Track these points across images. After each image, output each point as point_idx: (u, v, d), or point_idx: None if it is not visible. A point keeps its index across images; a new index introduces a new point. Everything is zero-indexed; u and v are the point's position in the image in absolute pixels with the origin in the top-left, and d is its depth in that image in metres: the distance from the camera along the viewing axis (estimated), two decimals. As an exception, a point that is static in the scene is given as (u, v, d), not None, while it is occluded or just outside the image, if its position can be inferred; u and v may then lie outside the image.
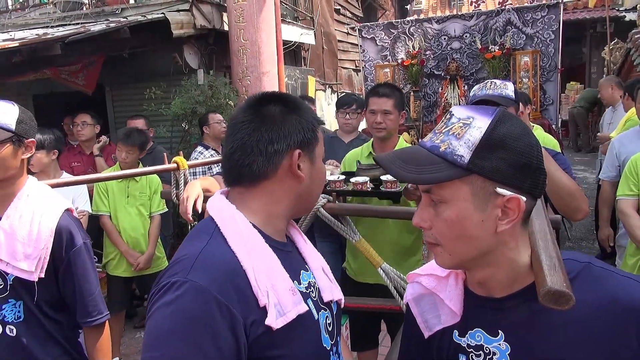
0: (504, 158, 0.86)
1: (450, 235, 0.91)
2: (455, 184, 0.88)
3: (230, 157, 1.07)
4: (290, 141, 1.06)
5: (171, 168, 2.40)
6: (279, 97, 1.11)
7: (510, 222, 0.89)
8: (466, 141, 0.87)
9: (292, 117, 1.07)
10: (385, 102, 2.40)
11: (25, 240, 1.63)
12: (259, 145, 1.04)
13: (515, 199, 0.87)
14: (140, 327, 4.33)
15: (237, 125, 1.08)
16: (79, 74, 5.40)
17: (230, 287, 0.95)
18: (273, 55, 5.50)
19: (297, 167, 1.07)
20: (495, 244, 0.92)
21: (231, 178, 1.10)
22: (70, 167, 4.22)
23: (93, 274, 1.78)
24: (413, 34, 5.73)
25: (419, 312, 1.10)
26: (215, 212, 1.07)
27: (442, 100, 5.40)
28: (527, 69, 5.17)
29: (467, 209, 0.88)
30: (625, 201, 2.74)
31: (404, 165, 0.91)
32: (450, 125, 0.91)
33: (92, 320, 1.76)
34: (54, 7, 5.81)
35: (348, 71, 10.45)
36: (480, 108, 0.93)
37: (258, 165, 1.04)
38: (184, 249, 1.04)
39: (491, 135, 0.86)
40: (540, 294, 0.85)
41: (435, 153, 0.90)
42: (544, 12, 5.27)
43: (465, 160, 0.86)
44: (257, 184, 1.07)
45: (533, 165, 0.89)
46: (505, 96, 2.05)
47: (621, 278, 0.91)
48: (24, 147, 1.71)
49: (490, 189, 0.87)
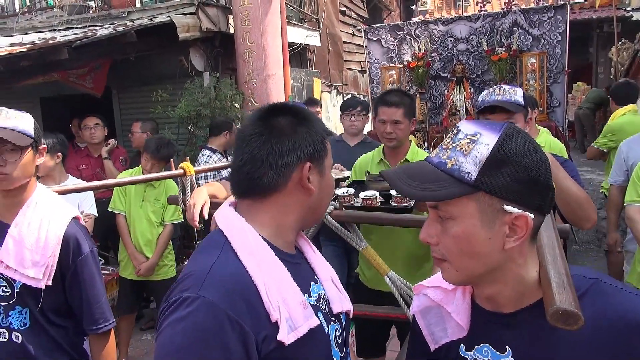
0: (512, 175, 0.86)
1: (457, 251, 0.91)
2: (463, 200, 0.87)
3: (240, 170, 1.07)
4: (301, 154, 1.05)
5: (178, 174, 2.41)
6: (288, 109, 1.11)
7: (518, 239, 0.89)
8: (473, 158, 0.86)
9: (302, 129, 1.07)
10: (395, 112, 2.36)
11: (33, 248, 1.65)
12: (269, 158, 1.03)
13: (523, 217, 0.87)
14: (147, 329, 4.35)
15: (246, 137, 1.07)
16: (87, 77, 5.44)
17: (241, 303, 0.95)
18: (279, 57, 5.50)
19: (307, 180, 1.07)
20: (503, 261, 0.91)
21: (240, 190, 1.09)
22: (78, 169, 4.25)
23: (100, 281, 1.80)
24: (419, 35, 5.71)
25: (426, 325, 1.09)
26: (225, 225, 1.07)
27: (448, 102, 5.37)
28: (533, 71, 5.14)
29: (474, 226, 0.88)
30: (633, 207, 2.72)
31: (411, 182, 0.91)
32: (457, 141, 0.91)
33: (99, 328, 1.78)
34: (61, 10, 5.84)
35: (353, 72, 10.43)
36: (487, 124, 0.93)
37: (268, 178, 1.04)
38: (194, 263, 1.04)
39: (498, 152, 0.86)
40: (548, 313, 0.85)
41: (442, 169, 0.89)
42: (551, 13, 5.22)
43: (473, 178, 0.86)
44: (267, 196, 1.06)
45: (541, 182, 0.88)
46: (514, 102, 2.03)
47: (631, 295, 0.90)
48: (37, 153, 1.74)
49: (498, 206, 0.87)
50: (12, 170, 1.63)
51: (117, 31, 4.33)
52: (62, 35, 4.63)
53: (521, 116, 2.04)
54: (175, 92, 5.26)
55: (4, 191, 1.68)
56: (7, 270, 1.64)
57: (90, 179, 4.11)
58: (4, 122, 1.62)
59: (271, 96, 5.40)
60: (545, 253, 1.03)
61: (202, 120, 4.91)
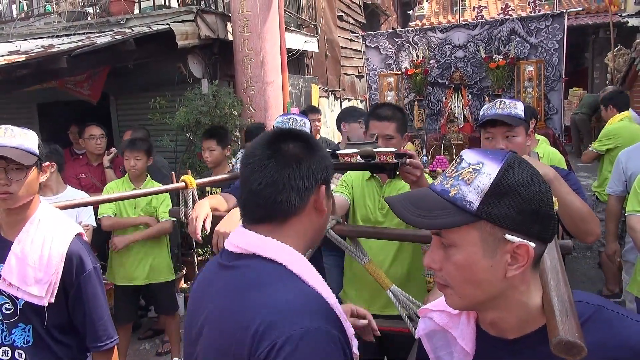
0: (513, 205, 0.87)
1: (460, 278, 0.92)
2: (465, 228, 0.89)
3: (260, 193, 1.07)
4: (317, 177, 1.10)
5: (179, 187, 2.40)
6: (297, 135, 1.14)
7: (520, 267, 0.90)
8: (475, 187, 0.88)
9: (316, 154, 1.12)
10: (387, 127, 2.27)
11: (37, 265, 1.65)
12: (291, 181, 1.06)
13: (524, 246, 0.88)
14: (145, 339, 4.33)
15: (261, 162, 1.08)
16: (84, 84, 5.43)
17: (338, 325, 1.00)
18: (277, 64, 5.51)
19: (322, 202, 1.12)
20: (505, 288, 0.92)
21: (259, 215, 1.09)
22: (77, 178, 4.23)
23: (103, 298, 1.80)
24: (417, 42, 5.73)
25: (432, 349, 1.10)
26: (272, 251, 1.06)
27: (446, 109, 5.38)
28: (531, 79, 5.15)
29: (476, 254, 0.90)
30: (635, 217, 2.73)
31: (414, 209, 0.93)
32: (460, 169, 0.92)
33: (102, 345, 1.78)
34: (59, 16, 5.83)
35: (351, 77, 10.45)
36: (490, 152, 0.94)
37: (291, 201, 1.07)
38: (273, 298, 0.99)
39: (500, 183, 0.87)
40: (552, 343, 0.86)
41: (445, 198, 0.91)
42: (548, 21, 5.26)
43: (475, 207, 0.88)
44: (287, 220, 1.09)
45: (542, 212, 0.89)
46: (514, 115, 2.04)
47: (633, 322, 0.91)
48: (41, 171, 1.75)
49: (499, 235, 0.88)
50: (17, 190, 1.64)
51: (116, 39, 4.33)
52: (60, 43, 4.62)
53: (522, 129, 2.04)
54: (174, 99, 5.26)
55: (8, 209, 1.68)
56: (10, 287, 1.64)
57: (89, 188, 4.10)
58: (9, 141, 1.62)
59: (269, 103, 5.41)
60: (548, 278, 1.03)
61: (201, 128, 4.90)
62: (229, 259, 1.13)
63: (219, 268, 1.15)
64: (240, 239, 1.11)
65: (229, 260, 1.12)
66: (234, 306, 1.02)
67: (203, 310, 1.11)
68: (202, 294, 1.16)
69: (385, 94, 5.64)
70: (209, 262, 1.24)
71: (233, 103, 5.19)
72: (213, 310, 1.08)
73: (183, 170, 4.70)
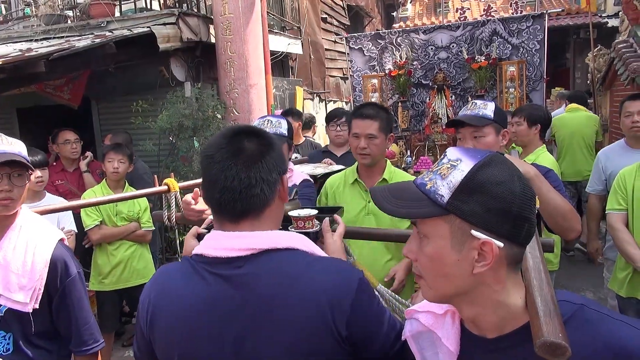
0: (481, 202, 0.89)
1: (430, 270, 0.96)
2: (436, 221, 0.92)
3: (234, 189, 1.11)
4: (280, 169, 1.18)
5: (162, 190, 2.36)
6: (254, 132, 1.20)
7: (486, 265, 0.90)
8: (448, 182, 0.91)
9: (275, 148, 1.19)
10: (369, 126, 2.23)
11: (20, 272, 1.64)
12: (262, 175, 1.13)
13: (489, 244, 0.89)
14: (129, 345, 4.26)
15: (229, 160, 1.13)
16: (64, 88, 5.35)
17: None
18: (260, 67, 5.49)
19: (286, 191, 1.22)
20: (474, 285, 0.93)
21: (238, 210, 1.13)
22: (54, 185, 4.13)
23: (87, 302, 1.81)
24: (400, 44, 5.75)
25: (418, 350, 1.11)
26: (288, 242, 1.14)
27: (430, 110, 5.40)
28: (513, 79, 5.20)
29: (444, 247, 0.92)
30: (614, 215, 2.76)
31: (393, 199, 0.97)
32: (441, 165, 0.96)
33: (89, 349, 1.79)
34: (38, 20, 5.73)
35: (335, 79, 10.46)
36: (471, 151, 0.96)
37: (265, 193, 1.14)
38: (324, 274, 1.11)
39: (471, 179, 0.90)
40: (536, 345, 0.85)
41: (422, 190, 0.95)
42: (529, 22, 5.32)
43: (445, 200, 0.90)
44: (263, 211, 1.15)
45: (513, 212, 0.89)
46: (481, 116, 2.06)
47: (614, 322, 0.91)
48: (28, 179, 1.76)
49: (467, 230, 0.90)
50: (18, 195, 1.67)
51: (95, 43, 4.26)
52: (39, 47, 4.54)
53: (490, 129, 2.06)
54: (156, 102, 5.20)
55: None
56: None
57: (66, 194, 4.02)
58: (10, 148, 1.65)
59: (253, 106, 5.38)
60: (531, 278, 1.03)
61: (184, 131, 4.85)
62: (226, 267, 1.10)
63: (215, 279, 1.11)
64: (238, 241, 1.11)
65: (228, 267, 1.10)
66: (291, 300, 1.07)
67: (227, 330, 1.09)
68: (208, 314, 1.10)
69: (369, 96, 5.65)
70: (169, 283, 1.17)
71: (216, 106, 5.15)
72: (255, 321, 1.08)
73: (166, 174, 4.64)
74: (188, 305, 1.12)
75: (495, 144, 2.06)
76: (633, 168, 2.75)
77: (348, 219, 2.35)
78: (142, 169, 4.34)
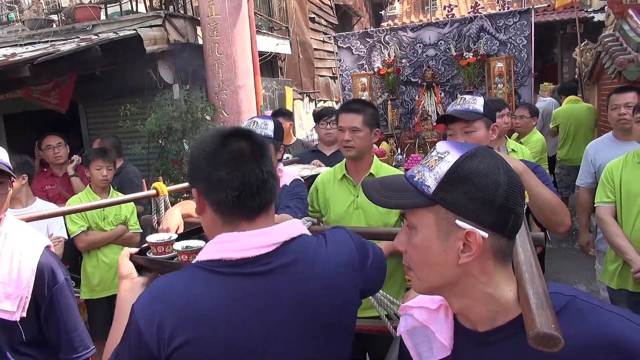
0: (466, 192, 0.90)
1: (418, 260, 0.97)
2: (423, 212, 0.94)
3: (252, 185, 1.14)
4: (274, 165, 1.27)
5: (150, 194, 2.35)
6: (244, 131, 1.23)
7: (471, 256, 0.91)
8: (435, 173, 0.92)
9: (266, 146, 1.22)
10: (354, 119, 2.28)
11: (6, 280, 1.61)
12: (269, 169, 1.17)
13: (474, 234, 0.90)
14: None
15: (237, 160, 1.14)
16: (52, 93, 5.29)
17: None
18: (249, 67, 5.46)
19: None
20: (461, 276, 0.94)
21: (257, 204, 1.15)
22: (44, 190, 4.09)
23: (76, 309, 1.79)
24: (388, 42, 5.75)
25: (412, 345, 1.11)
26: (298, 229, 1.20)
27: (419, 107, 5.41)
28: (501, 75, 5.22)
29: (430, 237, 0.93)
30: (603, 208, 2.77)
31: (383, 190, 1.00)
32: (430, 157, 0.97)
33: (79, 356, 1.77)
34: (23, 24, 5.67)
35: (325, 79, 10.46)
36: (459, 144, 0.97)
37: (274, 187, 1.19)
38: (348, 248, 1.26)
39: (456, 170, 0.91)
40: (529, 336, 0.85)
41: (410, 182, 0.97)
42: (516, 18, 5.33)
43: (431, 191, 0.92)
44: (272, 205, 1.20)
45: (497, 203, 0.90)
46: (471, 110, 2.07)
47: (605, 312, 0.92)
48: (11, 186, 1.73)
49: (453, 220, 0.91)
50: (1, 203, 1.63)
51: (80, 46, 4.22)
52: (24, 51, 4.48)
53: (481, 124, 2.07)
54: (144, 105, 5.16)
55: None
56: None
57: (56, 199, 3.98)
58: None
59: (242, 107, 5.36)
60: (523, 271, 1.03)
61: (173, 134, 4.81)
62: (254, 265, 1.10)
63: (245, 278, 1.08)
64: (264, 238, 1.13)
65: (257, 265, 1.10)
66: (319, 278, 1.16)
67: (275, 319, 1.11)
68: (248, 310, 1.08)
69: (359, 94, 5.64)
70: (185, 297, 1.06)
71: (205, 107, 5.12)
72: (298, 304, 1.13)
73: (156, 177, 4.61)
74: (221, 308, 1.06)
75: (486, 138, 2.07)
76: (620, 160, 2.76)
77: (337, 214, 2.37)
78: (132, 172, 4.30)
